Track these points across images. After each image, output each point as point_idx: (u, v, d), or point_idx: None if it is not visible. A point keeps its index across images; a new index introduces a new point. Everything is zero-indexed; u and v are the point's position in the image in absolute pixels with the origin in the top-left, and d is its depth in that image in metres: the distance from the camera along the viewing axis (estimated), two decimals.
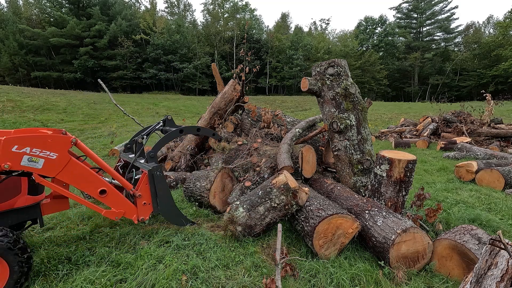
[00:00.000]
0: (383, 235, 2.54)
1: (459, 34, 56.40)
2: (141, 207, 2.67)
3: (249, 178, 3.74)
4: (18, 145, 1.98)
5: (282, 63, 48.50)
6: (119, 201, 2.53)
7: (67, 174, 2.20)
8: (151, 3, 54.81)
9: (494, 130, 9.16)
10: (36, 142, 2.04)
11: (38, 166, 2.07)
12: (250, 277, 2.35)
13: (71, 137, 2.22)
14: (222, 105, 5.48)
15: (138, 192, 2.64)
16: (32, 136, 2.05)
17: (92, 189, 2.36)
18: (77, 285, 2.16)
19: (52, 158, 2.10)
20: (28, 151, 2.01)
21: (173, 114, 20.36)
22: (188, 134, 5.44)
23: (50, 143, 2.09)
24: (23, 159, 2.01)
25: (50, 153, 2.09)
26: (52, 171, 2.13)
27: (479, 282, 1.72)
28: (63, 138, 2.17)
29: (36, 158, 2.05)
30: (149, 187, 2.70)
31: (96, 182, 2.37)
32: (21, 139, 1.99)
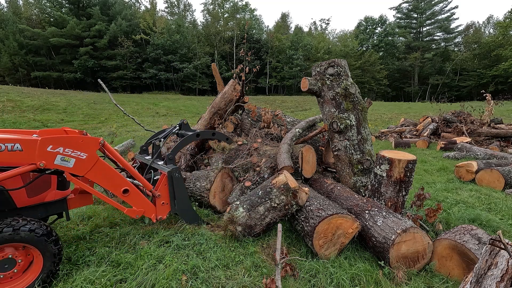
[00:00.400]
0: (383, 235, 2.54)
1: (459, 34, 56.41)
2: (160, 206, 2.79)
3: (249, 178, 3.74)
4: (53, 145, 2.10)
5: (282, 63, 48.49)
6: (140, 200, 2.65)
7: (94, 173, 2.32)
8: (151, 3, 54.84)
9: (494, 130, 9.16)
10: (68, 142, 2.16)
11: (70, 165, 2.19)
12: (250, 277, 2.35)
13: (99, 138, 2.35)
14: (222, 105, 5.48)
15: (157, 192, 2.76)
16: (66, 137, 2.19)
17: (116, 188, 2.47)
18: (77, 285, 2.16)
19: (82, 158, 2.22)
20: (61, 150, 2.13)
21: (173, 114, 20.37)
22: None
23: (81, 144, 2.22)
24: (57, 158, 2.12)
25: (81, 153, 2.22)
26: (81, 170, 2.25)
27: (479, 282, 1.72)
28: (93, 140, 2.30)
29: (68, 158, 2.17)
30: (168, 188, 2.82)
31: (120, 182, 2.48)
32: (55, 140, 2.11)
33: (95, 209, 3.66)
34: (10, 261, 2.00)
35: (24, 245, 2.03)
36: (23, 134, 2.48)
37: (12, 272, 2.02)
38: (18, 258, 2.04)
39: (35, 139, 2.06)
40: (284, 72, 47.85)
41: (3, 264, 1.98)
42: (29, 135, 2.41)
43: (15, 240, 1.96)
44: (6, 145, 1.95)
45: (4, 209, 2.22)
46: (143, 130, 11.72)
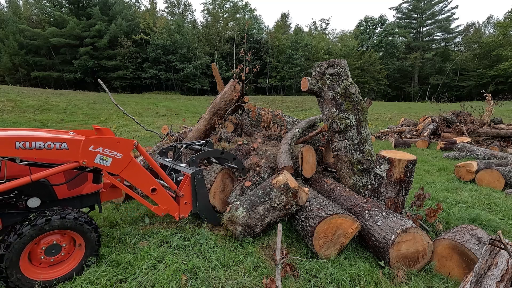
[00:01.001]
0: (383, 235, 2.54)
1: (459, 34, 56.43)
2: (183, 205, 2.95)
3: (249, 178, 3.74)
4: (94, 145, 2.28)
5: (282, 63, 48.47)
6: (166, 199, 2.80)
7: (128, 172, 2.48)
8: (151, 3, 54.84)
9: (494, 130, 9.16)
10: (107, 143, 2.34)
11: (107, 164, 2.35)
12: (250, 277, 2.35)
13: (134, 140, 2.51)
14: (222, 105, 5.48)
15: (181, 192, 2.92)
16: (105, 138, 2.37)
17: (146, 186, 2.63)
18: (77, 285, 2.17)
19: (118, 158, 2.39)
20: (101, 150, 2.31)
21: (173, 114, 20.37)
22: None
23: (118, 144, 2.39)
24: (96, 158, 2.30)
25: (117, 153, 2.39)
26: (117, 169, 2.41)
27: (479, 282, 1.72)
28: (128, 141, 2.47)
29: (106, 157, 2.34)
30: (190, 188, 2.98)
31: (149, 181, 2.65)
32: (97, 140, 2.30)
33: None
34: (57, 247, 2.21)
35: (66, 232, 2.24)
36: (60, 133, 2.66)
37: (59, 256, 2.24)
38: (63, 244, 2.25)
39: (79, 139, 2.23)
40: (284, 72, 47.84)
41: (51, 249, 2.19)
42: (66, 134, 2.61)
43: (63, 227, 2.16)
44: (55, 144, 2.13)
45: (47, 200, 2.42)
46: (143, 130, 11.72)
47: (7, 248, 1.97)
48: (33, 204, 2.32)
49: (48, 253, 2.19)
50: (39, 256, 2.16)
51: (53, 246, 2.20)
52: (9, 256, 1.97)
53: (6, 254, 1.97)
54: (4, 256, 1.96)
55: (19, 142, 2.02)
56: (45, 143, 2.10)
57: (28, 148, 2.05)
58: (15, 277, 2.01)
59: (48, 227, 2.11)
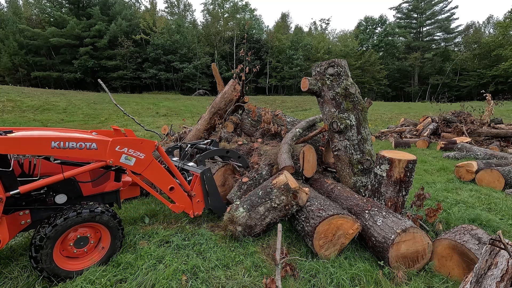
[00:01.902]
0: (382, 234, 2.54)
1: (459, 34, 56.44)
2: (196, 204, 3.05)
3: (246, 175, 3.76)
4: (120, 146, 2.40)
5: (282, 63, 48.47)
6: (182, 198, 2.92)
7: (149, 172, 2.60)
8: (151, 3, 54.86)
9: (494, 130, 9.16)
10: (132, 144, 2.46)
11: (131, 164, 2.47)
12: (250, 277, 2.35)
13: (155, 142, 2.61)
14: (222, 105, 5.48)
15: (193, 192, 3.01)
16: (130, 139, 2.49)
17: (165, 185, 2.75)
18: (77, 285, 2.17)
19: (141, 158, 2.51)
20: (126, 150, 2.43)
21: (173, 114, 20.36)
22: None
23: (141, 145, 2.51)
24: (122, 157, 2.42)
25: (140, 153, 2.51)
26: (140, 168, 2.53)
27: (479, 282, 1.72)
28: (150, 142, 2.59)
29: (130, 157, 2.46)
30: (201, 187, 3.07)
31: (168, 180, 2.77)
32: (122, 141, 2.42)
33: None
34: (84, 239, 2.37)
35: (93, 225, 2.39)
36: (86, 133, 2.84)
37: (87, 248, 2.39)
38: (90, 236, 2.41)
39: (107, 140, 2.36)
40: (284, 72, 47.84)
41: (80, 242, 2.34)
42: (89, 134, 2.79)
43: (92, 220, 2.32)
44: (86, 144, 2.27)
45: (72, 196, 2.58)
46: (143, 130, 11.71)
47: (42, 240, 2.11)
48: (60, 200, 2.48)
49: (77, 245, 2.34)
50: (69, 248, 2.31)
51: (82, 238, 2.36)
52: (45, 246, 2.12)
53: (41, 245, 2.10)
54: (40, 247, 2.10)
55: (55, 142, 2.14)
56: (77, 143, 2.23)
57: (62, 148, 2.18)
58: (49, 266, 2.15)
59: (80, 219, 2.26)
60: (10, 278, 2.25)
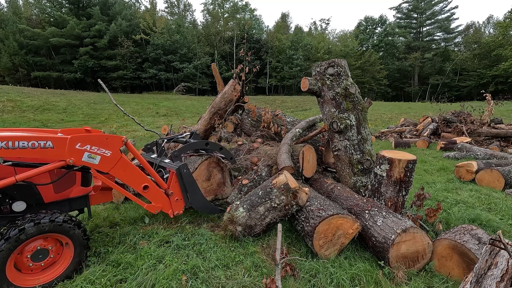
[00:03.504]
0: (383, 235, 2.54)
1: (459, 34, 56.44)
2: (175, 203, 2.89)
3: (246, 176, 3.75)
4: (81, 143, 2.22)
5: (282, 63, 48.47)
6: (158, 196, 2.75)
7: (117, 170, 2.42)
8: (151, 3, 54.85)
9: (494, 130, 9.16)
10: (95, 140, 2.27)
11: (95, 162, 2.29)
12: (250, 277, 2.35)
13: (123, 137, 2.45)
14: (222, 105, 5.48)
15: (170, 190, 2.84)
16: (92, 135, 2.30)
17: (137, 184, 2.57)
18: (77, 285, 2.16)
19: (106, 155, 2.33)
20: (88, 148, 2.24)
21: (173, 114, 20.36)
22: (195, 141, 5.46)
23: (106, 141, 2.33)
24: (84, 156, 2.24)
25: (106, 150, 2.33)
26: (106, 166, 2.35)
27: (479, 282, 1.72)
28: (117, 138, 2.41)
29: (94, 155, 2.28)
30: (178, 184, 2.89)
31: (140, 178, 2.59)
32: (83, 138, 2.23)
33: (95, 209, 3.66)
34: (43, 252, 2.15)
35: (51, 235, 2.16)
36: (49, 133, 2.60)
37: (45, 262, 2.17)
38: (51, 248, 2.19)
39: (65, 137, 2.16)
40: (284, 72, 47.83)
41: (38, 255, 2.12)
42: (54, 134, 2.55)
43: (50, 231, 2.10)
44: (39, 142, 2.07)
45: (33, 204, 2.33)
46: (143, 130, 11.72)
47: None
48: (18, 208, 2.24)
49: (35, 258, 2.12)
50: (26, 262, 2.08)
51: (40, 251, 2.13)
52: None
53: None
54: None
55: (1, 141, 1.96)
56: (29, 142, 2.04)
57: (11, 148, 1.99)
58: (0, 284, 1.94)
59: (37, 231, 2.04)
60: None
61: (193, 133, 3.84)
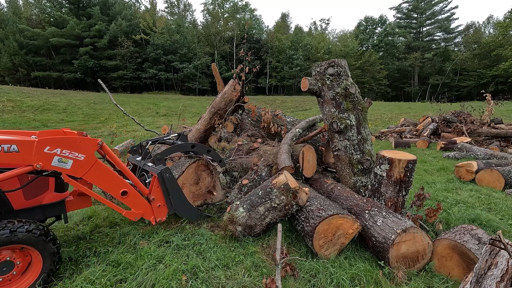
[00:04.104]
0: (383, 235, 2.54)
1: (459, 34, 56.45)
2: (157, 209, 2.73)
3: (246, 177, 3.75)
4: (50, 146, 2.06)
5: (282, 63, 48.48)
6: (139, 202, 2.61)
7: (92, 175, 2.28)
8: (151, 3, 54.87)
9: (494, 130, 9.16)
10: (66, 143, 2.13)
11: (67, 167, 2.15)
12: (250, 277, 2.35)
13: (98, 140, 2.31)
14: (222, 105, 5.48)
15: (151, 196, 2.70)
16: (63, 138, 2.14)
17: (115, 190, 2.43)
18: (77, 285, 2.16)
19: (80, 159, 2.19)
20: (58, 152, 2.10)
21: (173, 114, 20.36)
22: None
23: (79, 144, 2.18)
24: (54, 160, 2.09)
25: (79, 154, 2.18)
26: (79, 171, 2.21)
27: (479, 282, 1.72)
28: (91, 141, 2.26)
29: (65, 159, 2.13)
30: (161, 189, 2.75)
31: (118, 183, 2.44)
32: (53, 141, 2.08)
33: (95, 209, 3.66)
34: (8, 264, 1.98)
35: (22, 247, 2.01)
36: (22, 135, 2.46)
37: (11, 275, 2.00)
38: (16, 260, 2.02)
39: (32, 140, 2.03)
40: (284, 72, 47.84)
41: (1, 267, 1.96)
42: (27, 136, 2.38)
43: (13, 242, 1.94)
44: (2, 146, 1.93)
45: (1, 211, 2.20)
46: (143, 130, 11.72)
47: None
48: None
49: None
50: None
51: (3, 263, 1.97)
52: None
53: None
54: None
55: None
56: None
57: None
58: None
59: None
60: None
61: (180, 134, 3.65)
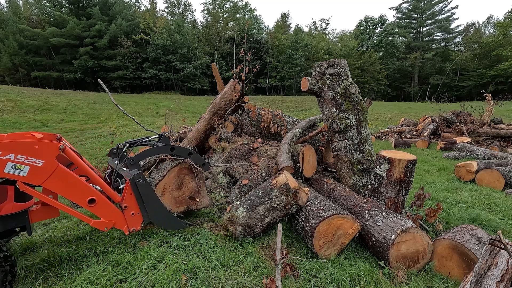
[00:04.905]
0: (383, 235, 2.54)
1: (459, 34, 56.44)
2: (130, 218, 2.50)
3: (246, 177, 3.75)
4: (2, 151, 1.88)
5: (282, 63, 48.47)
6: (108, 211, 2.38)
7: (53, 182, 2.08)
8: (151, 3, 54.86)
9: (494, 130, 9.16)
10: (21, 148, 1.92)
11: (23, 174, 1.96)
12: (250, 277, 2.35)
13: (58, 143, 2.09)
14: (222, 105, 5.48)
15: (124, 203, 2.47)
16: (17, 142, 1.93)
17: (80, 198, 2.22)
18: (77, 285, 2.16)
19: (38, 166, 1.99)
20: (12, 157, 1.91)
21: (173, 114, 20.36)
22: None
23: (36, 149, 1.97)
24: (7, 166, 1.90)
25: (36, 160, 1.98)
26: (37, 179, 2.01)
27: (479, 282, 1.72)
28: (50, 145, 2.03)
29: (20, 165, 1.94)
30: (134, 196, 2.53)
31: (84, 191, 2.23)
32: (4, 145, 1.88)
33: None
34: None
35: None
36: None
37: None
38: None
39: None
40: (284, 72, 47.83)
41: None
42: None
43: None
44: None
45: None
46: (143, 130, 11.72)
47: None
48: None
49: None
50: None
51: None
52: None
53: None
54: None
55: None
56: None
57: None
58: None
59: None
60: None
61: (161, 136, 3.36)
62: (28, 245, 2.73)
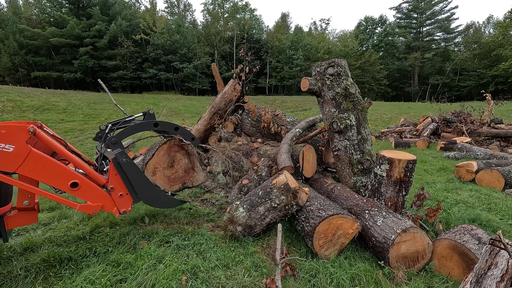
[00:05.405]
0: (383, 235, 2.54)
1: (459, 34, 56.46)
2: (118, 199, 2.39)
3: (246, 177, 3.75)
4: None
5: (282, 63, 48.48)
6: (94, 194, 2.26)
7: (29, 168, 1.94)
8: (151, 3, 54.86)
9: (494, 130, 9.16)
10: None
11: None
12: (250, 277, 2.35)
13: (28, 126, 1.94)
14: (222, 105, 5.48)
15: (109, 185, 2.36)
16: None
17: (61, 182, 2.09)
18: (77, 285, 2.16)
19: (8, 151, 1.86)
20: None
21: (173, 114, 20.36)
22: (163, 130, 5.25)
23: (3, 134, 1.84)
24: None
25: (6, 145, 1.85)
26: (10, 165, 1.88)
27: (479, 282, 1.72)
28: (18, 128, 1.89)
29: None
30: (120, 177, 2.41)
31: (65, 175, 2.09)
32: None
33: None
34: None
35: None
36: None
37: None
38: None
39: None
40: (284, 72, 47.84)
41: None
42: None
43: None
44: None
45: None
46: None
47: None
48: None
49: None
50: None
51: None
52: None
53: None
54: None
55: None
56: None
57: None
58: None
59: None
60: (10, 278, 2.25)
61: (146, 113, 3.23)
62: (28, 245, 2.72)
